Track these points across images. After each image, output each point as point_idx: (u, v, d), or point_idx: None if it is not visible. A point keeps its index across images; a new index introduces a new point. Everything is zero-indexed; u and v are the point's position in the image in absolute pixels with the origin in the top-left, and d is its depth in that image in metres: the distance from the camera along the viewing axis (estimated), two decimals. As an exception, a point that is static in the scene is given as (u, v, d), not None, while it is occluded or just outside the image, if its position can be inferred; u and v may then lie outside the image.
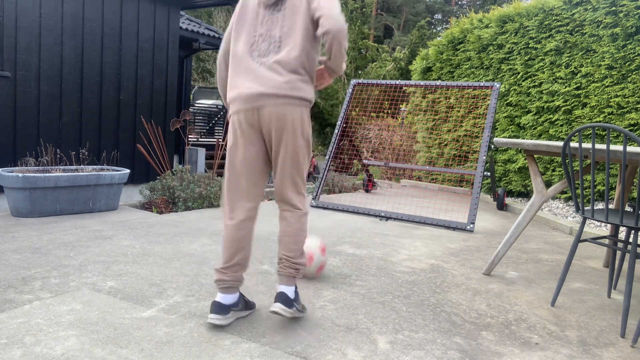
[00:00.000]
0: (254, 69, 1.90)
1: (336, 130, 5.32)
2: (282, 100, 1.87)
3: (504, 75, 6.38)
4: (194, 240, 3.35)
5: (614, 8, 5.17)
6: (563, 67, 5.65)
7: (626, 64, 5.09)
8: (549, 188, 3.02)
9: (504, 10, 6.43)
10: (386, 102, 10.66)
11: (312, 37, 1.92)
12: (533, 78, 5.97)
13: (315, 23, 1.90)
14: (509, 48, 6.30)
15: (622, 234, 4.23)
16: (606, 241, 3.60)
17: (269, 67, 1.88)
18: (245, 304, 2.07)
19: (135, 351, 1.72)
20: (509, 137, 6.32)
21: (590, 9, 5.40)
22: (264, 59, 1.89)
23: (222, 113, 15.32)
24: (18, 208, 3.91)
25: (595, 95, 5.34)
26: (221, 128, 15.24)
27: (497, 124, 6.51)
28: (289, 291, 1.96)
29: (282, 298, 1.93)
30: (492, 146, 5.92)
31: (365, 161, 6.02)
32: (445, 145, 7.36)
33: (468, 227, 4.21)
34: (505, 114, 6.34)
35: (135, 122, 6.71)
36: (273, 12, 1.92)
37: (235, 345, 1.81)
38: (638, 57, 4.98)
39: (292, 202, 1.99)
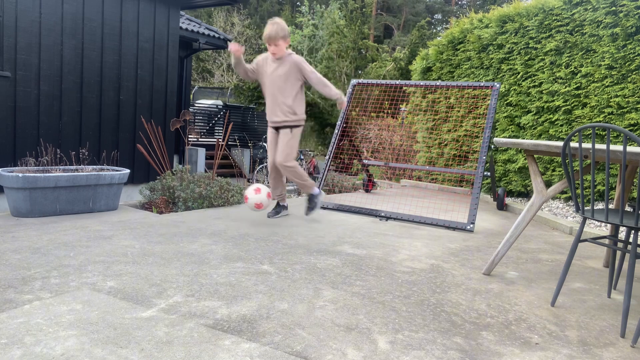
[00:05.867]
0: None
1: (336, 130, 5.32)
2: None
3: (504, 75, 6.38)
4: (194, 240, 3.35)
5: (614, 8, 5.17)
6: (563, 67, 5.66)
7: (626, 64, 5.09)
8: (549, 188, 3.02)
9: (504, 10, 6.43)
10: (386, 102, 10.65)
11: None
12: (533, 78, 5.98)
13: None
14: (509, 48, 6.30)
15: (622, 234, 4.23)
16: (606, 241, 3.60)
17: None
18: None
19: (135, 351, 1.72)
20: (509, 137, 6.33)
21: (590, 9, 5.40)
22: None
23: (222, 113, 15.31)
24: (18, 208, 3.92)
25: (595, 95, 5.34)
26: (221, 128, 15.23)
27: (497, 124, 6.51)
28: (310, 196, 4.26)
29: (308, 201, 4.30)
30: (492, 146, 5.92)
31: (365, 161, 6.02)
32: (445, 145, 7.36)
33: (468, 227, 4.21)
34: (505, 114, 6.34)
35: (135, 122, 6.72)
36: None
37: (235, 345, 1.81)
38: (638, 57, 4.98)
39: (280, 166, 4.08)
